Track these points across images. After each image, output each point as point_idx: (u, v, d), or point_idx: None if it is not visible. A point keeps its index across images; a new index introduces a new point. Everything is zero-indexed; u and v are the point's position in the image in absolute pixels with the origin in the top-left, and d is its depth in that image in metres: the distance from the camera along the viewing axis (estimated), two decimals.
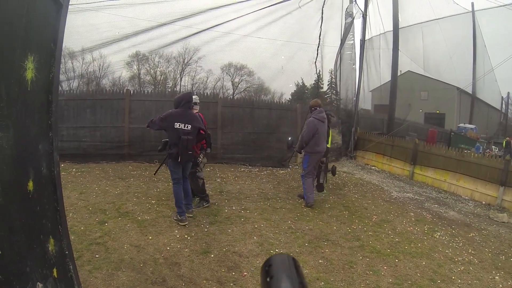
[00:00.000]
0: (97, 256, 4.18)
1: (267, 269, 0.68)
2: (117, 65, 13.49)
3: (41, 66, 1.66)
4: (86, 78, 16.76)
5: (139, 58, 18.77)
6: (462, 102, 26.46)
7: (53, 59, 1.81)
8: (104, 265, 3.99)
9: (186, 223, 5.47)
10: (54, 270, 1.78)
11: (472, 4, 19.57)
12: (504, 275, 4.76)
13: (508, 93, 27.50)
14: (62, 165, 8.37)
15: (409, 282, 4.27)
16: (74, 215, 5.40)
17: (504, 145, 20.17)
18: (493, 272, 4.83)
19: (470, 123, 24.21)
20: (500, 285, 4.45)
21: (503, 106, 28.53)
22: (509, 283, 4.54)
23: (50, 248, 1.78)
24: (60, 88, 11.63)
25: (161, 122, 5.36)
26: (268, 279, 0.66)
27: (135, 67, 22.30)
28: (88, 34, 10.10)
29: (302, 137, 7.07)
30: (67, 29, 1.93)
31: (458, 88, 23.78)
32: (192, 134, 5.39)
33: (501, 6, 14.29)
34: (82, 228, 4.96)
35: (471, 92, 24.45)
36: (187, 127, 5.33)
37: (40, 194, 1.71)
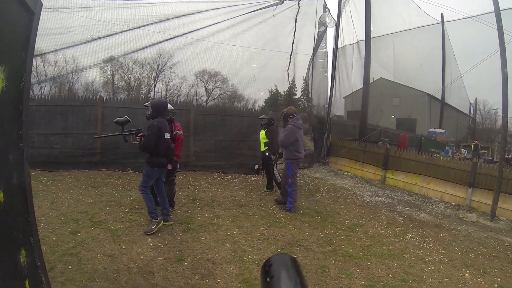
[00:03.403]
0: (70, 267, 4.01)
1: (267, 269, 0.68)
2: (90, 70, 13.20)
3: (12, 75, 1.60)
4: (58, 83, 16.30)
5: (113, 63, 18.45)
6: (432, 107, 27.22)
7: (24, 68, 1.75)
8: (77, 276, 3.83)
9: (172, 222, 5.68)
10: (26, 282, 1.71)
11: (442, 14, 20.22)
12: (473, 272, 4.85)
13: (476, 98, 28.54)
14: (33, 173, 8.12)
15: (381, 283, 4.27)
16: (46, 226, 5.18)
17: (472, 148, 20.88)
18: (463, 269, 4.90)
19: (440, 128, 24.91)
20: (470, 282, 4.52)
21: (471, 111, 29.58)
22: (478, 279, 4.61)
23: (21, 260, 1.71)
24: (31, 93, 11.27)
25: (154, 137, 5.27)
26: (268, 279, 0.66)
27: (109, 72, 21.91)
28: (61, 36, 9.83)
29: (282, 142, 7.14)
30: (39, 31, 1.85)
31: (428, 95, 24.51)
32: (173, 143, 5.72)
33: (468, 17, 14.83)
34: (54, 238, 4.75)
35: (441, 98, 25.19)
36: (169, 136, 5.51)
37: (10, 205, 1.64)
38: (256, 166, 8.67)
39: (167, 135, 5.43)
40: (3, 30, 1.51)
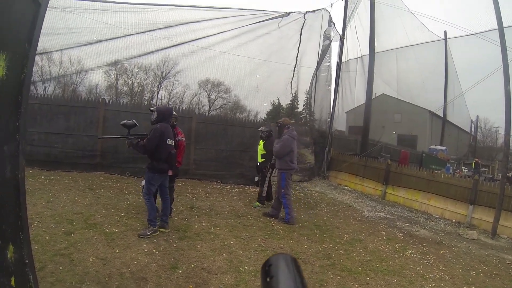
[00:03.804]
0: (60, 267, 3.91)
1: (267, 269, 0.68)
2: (94, 72, 13.28)
3: (13, 65, 1.57)
4: (62, 84, 16.40)
5: (117, 67, 18.60)
6: (433, 124, 27.23)
7: (26, 59, 1.71)
8: (67, 277, 3.73)
9: (169, 230, 5.59)
10: (12, 279, 1.64)
11: (445, 32, 20.31)
12: None
13: (477, 116, 28.59)
14: (31, 171, 8.18)
15: None
16: (40, 224, 5.10)
17: (473, 165, 20.80)
18: (464, 287, 4.82)
19: (441, 145, 24.85)
20: None
21: (473, 128, 29.60)
22: None
23: (9, 256, 1.64)
24: (34, 91, 11.34)
25: (157, 140, 5.26)
26: (268, 279, 0.65)
27: (113, 76, 22.06)
28: (67, 36, 9.92)
29: (277, 152, 7.06)
30: (46, 30, 1.83)
31: (430, 112, 24.51)
32: (175, 149, 5.65)
33: (472, 34, 14.81)
34: (47, 237, 4.66)
35: (442, 116, 25.21)
36: (172, 143, 5.49)
37: (1, 198, 1.61)
38: (256, 178, 8.62)
39: (170, 141, 5.40)
40: (8, 18, 1.49)
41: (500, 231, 8.05)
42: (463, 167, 22.83)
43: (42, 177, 8.11)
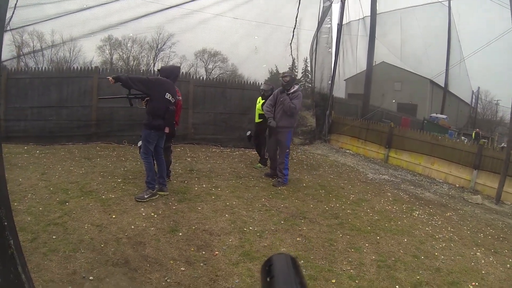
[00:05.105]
0: (54, 237, 3.76)
1: (267, 268, 0.67)
2: (87, 47, 12.73)
3: None
4: (55, 63, 15.85)
5: (111, 42, 17.95)
6: (434, 94, 26.95)
7: None
8: (61, 246, 3.59)
9: (167, 192, 5.45)
10: None
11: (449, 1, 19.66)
12: (484, 251, 4.68)
13: (479, 87, 28.28)
14: (26, 147, 8.00)
15: (393, 258, 4.08)
16: (33, 196, 4.91)
17: (473, 136, 20.66)
18: (474, 248, 4.74)
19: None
20: (482, 261, 4.35)
21: (473, 100, 29.37)
22: (490, 259, 4.44)
23: None
24: (25, 67, 10.92)
25: (152, 85, 5.02)
26: (268, 279, 0.65)
27: (107, 51, 21.44)
28: (53, 5, 9.36)
29: (295, 110, 6.59)
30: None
31: (431, 81, 24.18)
32: (174, 106, 5.33)
33: None
34: (40, 208, 4.48)
35: (443, 85, 24.89)
36: (172, 99, 5.22)
37: None
38: (248, 133, 8.18)
39: (169, 96, 5.12)
40: None
41: (503, 198, 7.91)
42: (463, 137, 22.71)
43: (37, 151, 7.84)
